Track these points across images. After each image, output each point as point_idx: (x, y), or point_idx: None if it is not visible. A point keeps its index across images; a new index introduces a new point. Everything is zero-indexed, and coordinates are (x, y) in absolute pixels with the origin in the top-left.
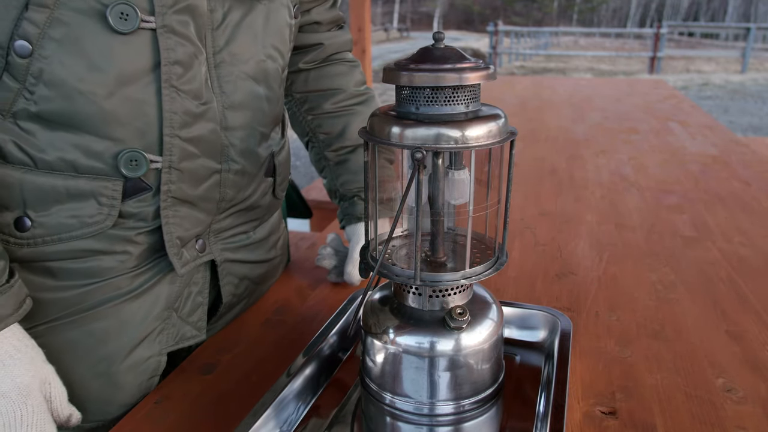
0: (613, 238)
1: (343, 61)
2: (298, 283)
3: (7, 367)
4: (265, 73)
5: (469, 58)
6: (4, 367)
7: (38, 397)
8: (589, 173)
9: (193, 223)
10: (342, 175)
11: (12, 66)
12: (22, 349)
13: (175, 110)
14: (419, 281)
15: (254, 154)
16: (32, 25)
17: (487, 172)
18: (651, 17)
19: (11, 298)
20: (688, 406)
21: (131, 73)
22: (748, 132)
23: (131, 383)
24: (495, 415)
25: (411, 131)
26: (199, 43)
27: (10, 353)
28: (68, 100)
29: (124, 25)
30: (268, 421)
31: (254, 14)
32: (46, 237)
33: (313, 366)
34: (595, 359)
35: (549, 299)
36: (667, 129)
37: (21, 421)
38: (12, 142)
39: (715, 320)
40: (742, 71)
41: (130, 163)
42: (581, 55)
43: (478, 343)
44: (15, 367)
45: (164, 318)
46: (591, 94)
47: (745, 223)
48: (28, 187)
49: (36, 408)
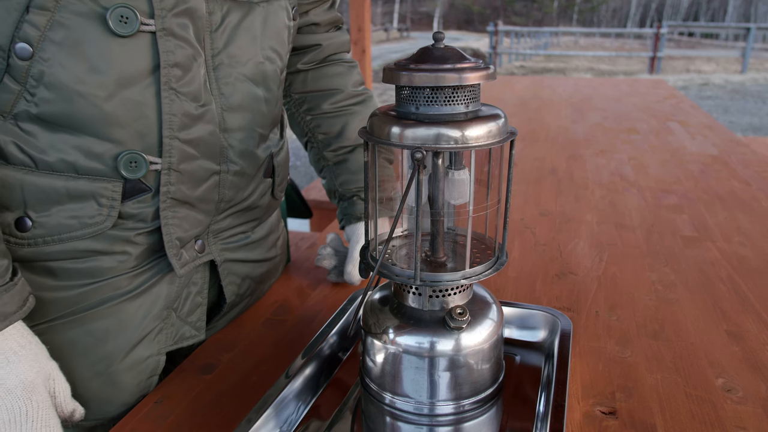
0: (613, 238)
1: (341, 62)
2: (298, 283)
3: (12, 364)
4: (264, 74)
5: (469, 58)
6: (9, 363)
7: (43, 392)
8: (589, 173)
9: (192, 223)
10: (341, 175)
11: (13, 68)
12: (26, 346)
13: (175, 112)
14: (419, 281)
15: (253, 156)
16: (33, 27)
17: (487, 172)
18: (651, 17)
19: (15, 296)
20: (688, 406)
21: (131, 75)
22: (748, 132)
23: (130, 382)
24: (495, 415)
25: (411, 131)
26: (198, 45)
27: (14, 350)
28: (68, 102)
29: (124, 28)
30: (268, 421)
31: (252, 16)
32: (46, 237)
33: (313, 366)
34: (595, 359)
35: (549, 299)
36: (667, 129)
37: (26, 417)
38: (13, 143)
39: (715, 320)
40: (742, 71)
41: (129, 164)
42: (581, 55)
43: (478, 343)
44: (20, 363)
45: (163, 318)
46: (591, 94)
47: (745, 223)
48: (28, 187)
49: (41, 404)
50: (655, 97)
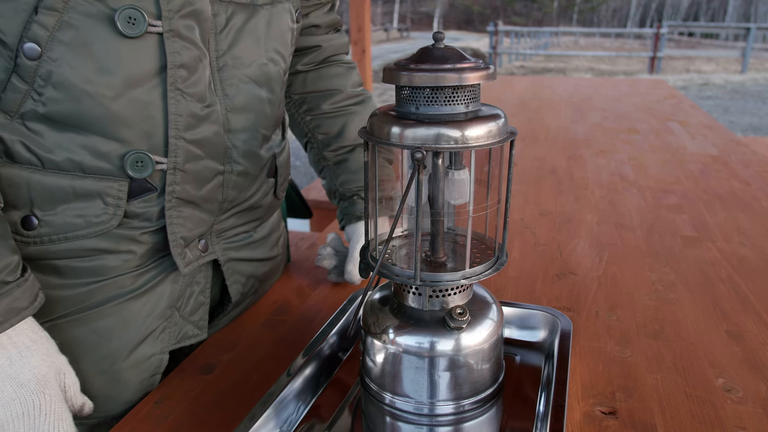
0: (613, 238)
1: (341, 63)
2: (298, 283)
3: (24, 358)
4: (267, 76)
5: (469, 58)
6: (21, 357)
7: (55, 386)
8: (589, 173)
9: (197, 223)
10: (341, 175)
11: (21, 68)
12: (38, 341)
13: (181, 113)
14: (419, 281)
15: (256, 156)
16: (42, 28)
17: (487, 172)
18: (651, 17)
19: (27, 291)
20: (688, 406)
21: (138, 76)
22: (748, 132)
23: (134, 380)
24: (495, 415)
25: (411, 131)
26: (203, 46)
27: (27, 344)
28: (76, 101)
29: (132, 30)
30: (268, 421)
31: (257, 19)
32: (52, 236)
33: (313, 366)
34: (595, 359)
35: (549, 299)
36: (667, 129)
37: (39, 410)
38: (20, 142)
39: (715, 320)
40: (742, 71)
41: (136, 164)
42: (581, 55)
43: (478, 343)
44: (32, 357)
45: (167, 317)
46: (591, 94)
47: (745, 223)
48: (35, 186)
49: (53, 397)
50: (655, 97)
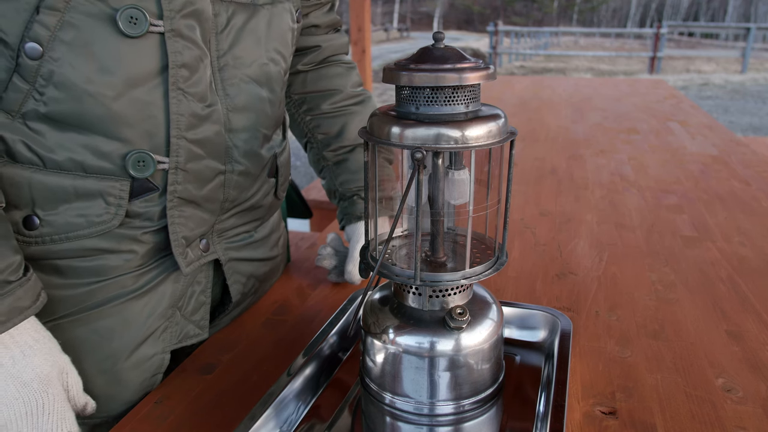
0: (613, 238)
1: (340, 63)
2: (298, 283)
3: (27, 357)
4: (268, 76)
5: (469, 58)
6: (24, 357)
7: (58, 386)
8: (589, 173)
9: (198, 222)
10: (341, 175)
11: (22, 67)
12: (40, 340)
13: (182, 112)
14: (419, 281)
15: (257, 156)
16: (43, 27)
17: (487, 172)
18: (651, 17)
19: (29, 291)
20: (688, 406)
21: (139, 75)
22: (748, 132)
23: (135, 380)
24: (495, 415)
25: (411, 131)
26: (204, 46)
27: (29, 344)
28: (77, 101)
29: (134, 29)
30: (268, 421)
31: (257, 19)
32: (53, 235)
33: (313, 366)
34: (595, 359)
35: (549, 299)
36: (667, 129)
37: (43, 410)
38: (21, 142)
39: (715, 320)
40: (742, 71)
41: (137, 163)
42: (581, 55)
43: (478, 343)
44: (35, 357)
45: (168, 316)
46: (591, 94)
47: (745, 223)
48: (36, 186)
49: (56, 396)
50: (655, 97)
